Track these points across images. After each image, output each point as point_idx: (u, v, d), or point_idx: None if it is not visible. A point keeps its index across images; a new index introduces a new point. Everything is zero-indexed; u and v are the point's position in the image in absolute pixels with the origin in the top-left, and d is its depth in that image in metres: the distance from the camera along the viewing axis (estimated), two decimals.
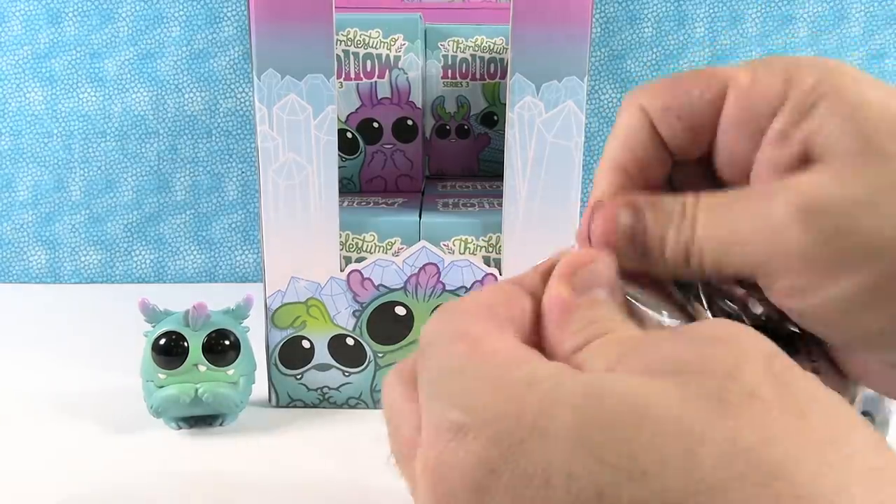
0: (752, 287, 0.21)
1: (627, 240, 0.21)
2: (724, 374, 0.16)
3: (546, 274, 0.21)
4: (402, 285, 0.46)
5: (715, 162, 0.23)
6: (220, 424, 0.45)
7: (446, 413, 0.18)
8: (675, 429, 0.15)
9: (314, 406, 0.48)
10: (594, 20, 0.71)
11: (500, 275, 0.46)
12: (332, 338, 0.47)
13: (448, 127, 0.61)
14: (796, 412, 0.16)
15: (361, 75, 0.53)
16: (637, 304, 0.21)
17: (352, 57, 0.53)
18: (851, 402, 0.22)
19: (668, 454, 0.15)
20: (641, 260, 0.21)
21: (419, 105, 0.54)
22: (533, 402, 0.16)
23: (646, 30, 0.72)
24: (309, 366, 0.47)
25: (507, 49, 0.58)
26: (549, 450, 0.16)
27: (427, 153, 0.60)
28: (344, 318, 0.47)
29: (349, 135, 0.55)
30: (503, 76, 0.60)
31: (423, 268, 0.46)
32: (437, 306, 0.45)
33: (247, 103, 0.72)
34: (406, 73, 0.53)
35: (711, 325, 0.18)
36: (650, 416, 0.16)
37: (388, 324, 0.47)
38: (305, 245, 0.45)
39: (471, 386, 0.18)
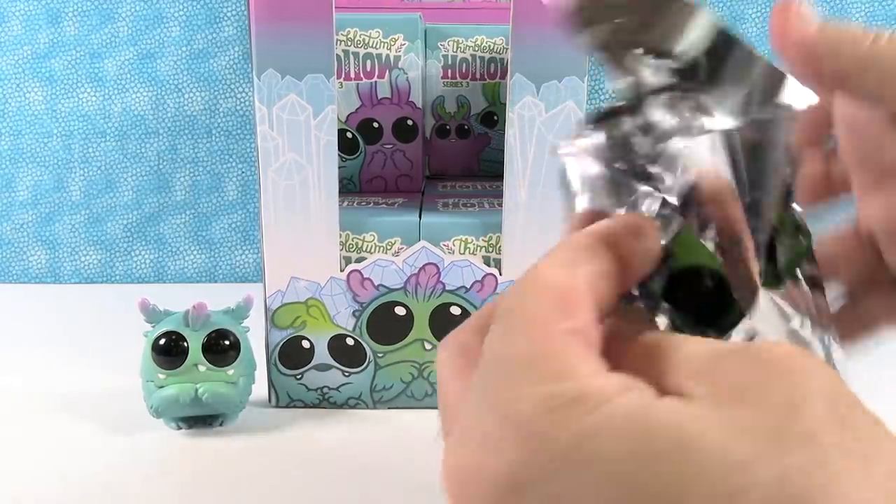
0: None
1: None
2: (785, 411, 0.15)
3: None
4: (402, 285, 0.46)
5: None
6: (220, 424, 0.45)
7: (483, 418, 0.17)
8: (721, 468, 0.15)
9: (314, 406, 0.48)
10: None
11: (500, 275, 0.46)
12: (332, 338, 0.47)
13: (448, 127, 0.61)
14: (859, 457, 0.15)
15: (361, 75, 0.53)
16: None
17: (352, 57, 0.53)
18: None
19: (712, 494, 0.15)
20: None
21: (419, 105, 0.54)
22: (574, 425, 0.16)
23: None
24: (309, 366, 0.47)
25: (507, 49, 0.58)
26: (583, 480, 0.15)
27: (427, 153, 0.60)
28: (344, 318, 0.47)
29: (349, 135, 0.55)
30: (503, 76, 0.59)
31: (423, 268, 0.46)
32: (437, 306, 0.46)
33: (247, 103, 0.72)
34: (406, 73, 0.53)
35: (781, 352, 0.17)
36: (697, 452, 0.15)
37: (388, 324, 0.47)
38: (305, 245, 0.45)
39: (513, 394, 0.17)
